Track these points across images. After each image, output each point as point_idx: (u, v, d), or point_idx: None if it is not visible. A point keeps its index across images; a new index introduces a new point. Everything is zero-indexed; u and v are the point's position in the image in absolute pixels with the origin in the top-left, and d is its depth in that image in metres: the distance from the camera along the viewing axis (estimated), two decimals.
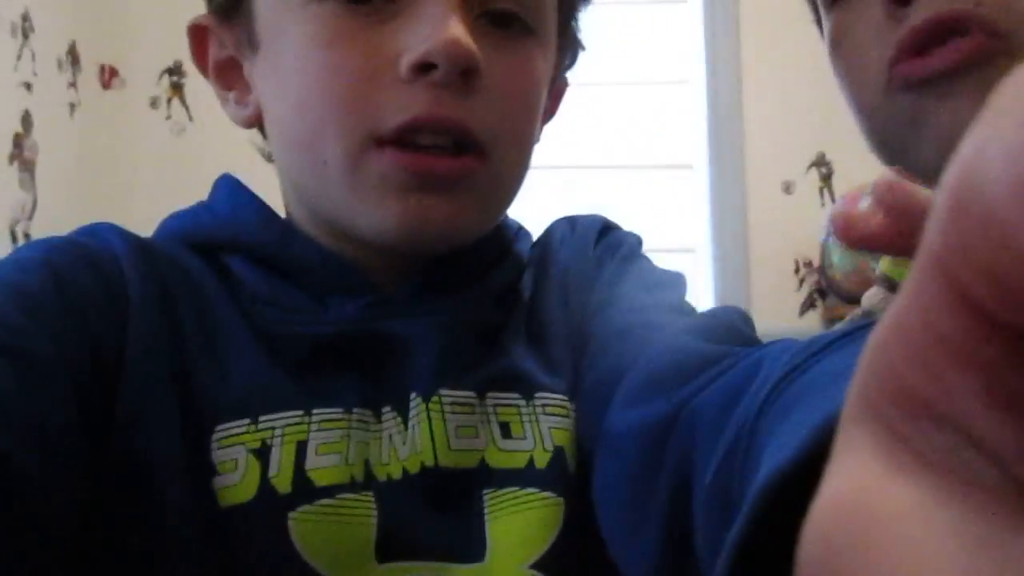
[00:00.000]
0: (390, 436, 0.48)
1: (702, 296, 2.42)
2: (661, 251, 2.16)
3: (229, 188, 0.56)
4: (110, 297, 0.45)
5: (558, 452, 0.50)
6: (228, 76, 0.54)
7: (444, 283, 0.52)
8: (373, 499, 0.46)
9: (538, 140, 0.55)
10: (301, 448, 0.45)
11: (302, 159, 0.50)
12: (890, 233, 0.36)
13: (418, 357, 0.49)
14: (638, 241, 0.60)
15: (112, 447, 0.42)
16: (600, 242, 0.59)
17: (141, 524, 0.42)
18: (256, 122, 0.54)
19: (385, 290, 0.51)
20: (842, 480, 0.13)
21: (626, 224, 0.61)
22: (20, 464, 0.35)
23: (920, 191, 0.36)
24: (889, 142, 0.49)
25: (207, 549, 0.43)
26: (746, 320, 0.49)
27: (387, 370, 0.49)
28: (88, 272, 0.45)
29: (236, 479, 0.44)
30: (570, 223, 0.61)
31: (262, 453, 0.45)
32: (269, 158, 0.56)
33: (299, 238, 0.52)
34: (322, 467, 0.45)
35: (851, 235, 0.38)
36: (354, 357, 0.49)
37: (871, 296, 0.65)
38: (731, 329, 0.47)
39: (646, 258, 0.59)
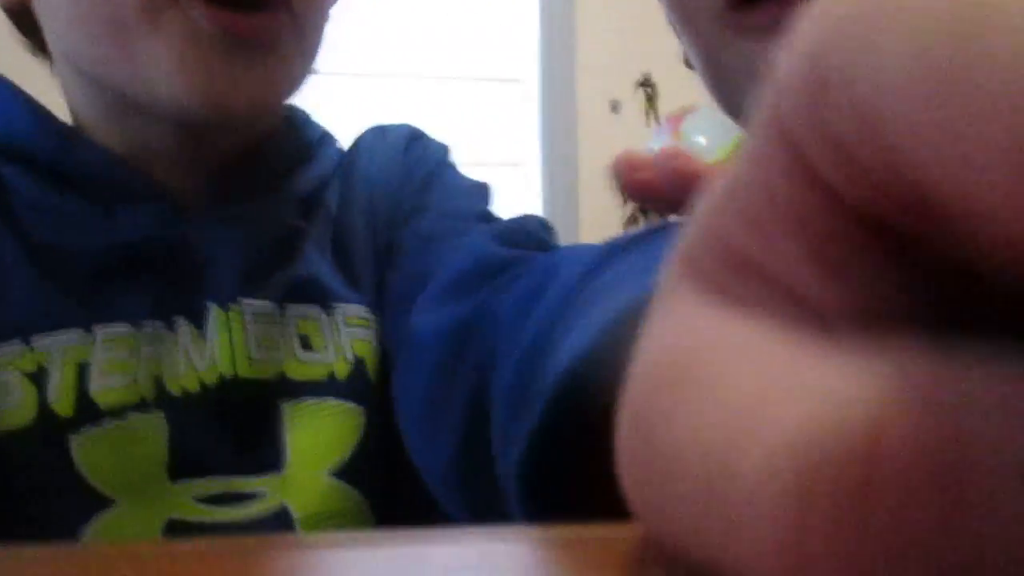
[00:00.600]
0: (186, 349, 0.46)
1: (530, 211, 2.45)
2: (490, 164, 2.17)
3: (1, 91, 0.50)
4: None
5: (359, 364, 0.49)
6: None
7: (242, 188, 0.50)
8: (164, 416, 0.44)
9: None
10: (83, 369, 0.43)
11: (90, 27, 0.44)
12: (663, 189, 0.38)
13: (215, 266, 0.47)
14: (446, 150, 0.59)
15: None
16: (409, 151, 0.58)
17: None
18: (18, 5, 0.48)
19: (179, 197, 0.48)
20: (666, 323, 0.13)
21: (454, 137, 0.60)
22: None
23: (698, 163, 0.39)
24: (728, 90, 0.48)
25: None
26: (547, 228, 0.50)
27: (182, 280, 0.46)
28: None
29: (11, 404, 0.41)
30: (379, 132, 0.59)
31: (38, 377, 0.42)
32: (36, 50, 0.50)
33: (82, 143, 0.48)
34: (107, 387, 0.43)
35: (629, 179, 0.39)
36: (145, 268, 0.46)
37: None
38: (532, 235, 0.48)
39: (454, 167, 0.58)
